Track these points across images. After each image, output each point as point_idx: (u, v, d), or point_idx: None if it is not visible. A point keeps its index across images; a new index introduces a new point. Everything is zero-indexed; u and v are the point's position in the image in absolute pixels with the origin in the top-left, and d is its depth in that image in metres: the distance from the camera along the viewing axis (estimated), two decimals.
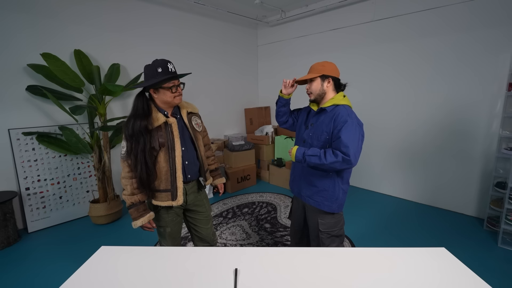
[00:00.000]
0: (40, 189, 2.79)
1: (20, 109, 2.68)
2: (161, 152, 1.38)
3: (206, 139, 1.71)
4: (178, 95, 1.39)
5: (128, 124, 1.33)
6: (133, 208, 1.38)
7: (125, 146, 1.35)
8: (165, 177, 1.40)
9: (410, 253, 1.12)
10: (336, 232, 1.53)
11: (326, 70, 1.46)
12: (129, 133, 1.32)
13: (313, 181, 1.51)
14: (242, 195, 3.68)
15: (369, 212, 3.12)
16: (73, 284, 0.95)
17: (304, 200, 1.58)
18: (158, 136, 1.37)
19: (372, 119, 3.59)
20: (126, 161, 1.36)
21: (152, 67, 1.33)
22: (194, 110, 1.57)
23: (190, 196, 1.53)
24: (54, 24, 2.80)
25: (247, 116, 4.92)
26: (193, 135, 1.50)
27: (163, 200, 1.42)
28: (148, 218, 1.40)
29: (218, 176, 1.77)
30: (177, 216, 1.54)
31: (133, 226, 1.38)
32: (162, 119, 1.38)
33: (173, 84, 1.36)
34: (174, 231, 1.56)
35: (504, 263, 2.16)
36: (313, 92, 1.50)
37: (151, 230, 1.45)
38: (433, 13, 3.00)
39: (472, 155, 2.92)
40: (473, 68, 2.82)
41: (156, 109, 1.39)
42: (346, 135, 1.32)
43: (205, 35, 4.22)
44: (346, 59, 3.78)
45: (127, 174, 1.37)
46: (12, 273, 2.08)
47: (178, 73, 1.39)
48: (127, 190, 1.38)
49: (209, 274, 0.99)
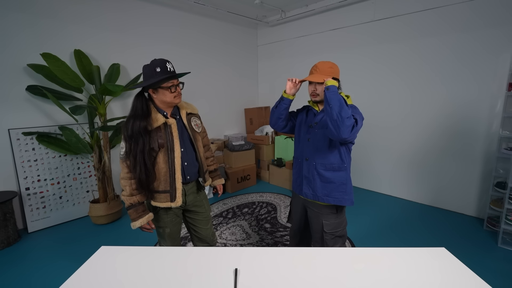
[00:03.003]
0: (40, 189, 2.79)
1: (20, 109, 2.68)
2: (160, 153, 1.37)
3: (206, 140, 1.70)
4: (177, 94, 1.38)
5: (127, 124, 1.32)
6: (132, 209, 1.37)
7: (124, 146, 1.34)
8: (164, 178, 1.39)
9: (410, 253, 1.11)
10: (339, 232, 1.53)
11: (335, 73, 1.46)
12: (128, 134, 1.31)
13: (329, 178, 1.48)
14: (242, 195, 3.68)
15: (369, 212, 3.12)
16: (73, 284, 0.95)
17: (322, 200, 1.50)
18: (158, 137, 1.35)
19: (372, 119, 3.59)
20: (125, 162, 1.36)
21: (150, 67, 1.32)
22: (193, 110, 1.56)
23: (190, 196, 1.52)
24: (54, 24, 2.80)
25: (247, 116, 4.92)
26: (192, 136, 1.48)
27: (162, 201, 1.41)
28: (147, 219, 1.39)
29: (217, 177, 1.75)
30: (177, 217, 1.54)
31: (132, 227, 1.37)
32: (162, 120, 1.36)
33: (172, 83, 1.34)
34: (174, 231, 1.55)
35: (504, 263, 2.16)
36: (321, 94, 1.46)
37: (150, 231, 1.44)
38: (433, 13, 3.00)
39: (472, 155, 2.92)
40: (473, 68, 2.82)
41: (155, 109, 1.38)
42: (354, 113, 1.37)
43: (205, 35, 4.22)
44: (346, 59, 3.77)
45: (126, 175, 1.36)
46: (12, 273, 2.08)
47: (177, 73, 1.38)
48: (126, 191, 1.37)
49: (209, 274, 0.99)
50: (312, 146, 1.51)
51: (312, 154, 1.52)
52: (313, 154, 1.51)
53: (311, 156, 1.52)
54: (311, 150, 1.52)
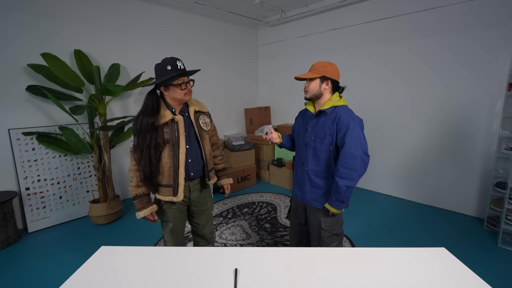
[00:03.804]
0: (40, 189, 2.79)
1: (20, 109, 2.68)
2: (166, 148, 1.43)
3: (215, 138, 1.73)
4: (187, 92, 1.43)
5: (136, 120, 1.39)
6: (137, 200, 1.45)
7: (133, 140, 1.42)
8: (168, 173, 1.44)
9: (410, 253, 1.12)
10: (336, 230, 1.55)
11: (327, 72, 1.46)
12: (137, 129, 1.38)
13: (318, 184, 1.52)
14: (242, 195, 3.68)
15: (369, 212, 3.12)
16: (73, 284, 0.95)
17: (309, 203, 1.57)
18: (164, 132, 1.41)
19: (371, 119, 3.59)
20: (133, 155, 1.43)
21: (161, 65, 1.37)
22: (202, 109, 1.59)
23: (194, 193, 1.56)
24: (54, 24, 2.80)
25: (247, 116, 4.92)
26: (198, 134, 1.51)
27: (165, 195, 1.47)
28: (150, 210, 1.46)
29: (225, 176, 1.78)
30: (180, 212, 1.57)
31: (136, 216, 1.45)
32: (169, 116, 1.42)
33: (182, 81, 1.39)
34: (176, 227, 1.58)
35: (504, 263, 2.16)
36: (310, 91, 1.50)
37: (153, 222, 1.50)
38: (433, 13, 3.00)
39: (472, 155, 2.92)
40: (473, 68, 2.82)
41: (165, 106, 1.44)
42: (351, 140, 1.37)
43: (205, 35, 4.22)
44: (346, 59, 3.78)
45: (133, 167, 1.44)
46: (12, 273, 2.08)
47: (187, 70, 1.43)
48: (133, 182, 1.45)
49: (209, 274, 0.99)
50: (309, 152, 1.54)
51: (307, 160, 1.55)
52: (308, 160, 1.54)
53: (306, 161, 1.56)
54: (307, 156, 1.55)
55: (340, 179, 1.38)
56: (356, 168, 1.36)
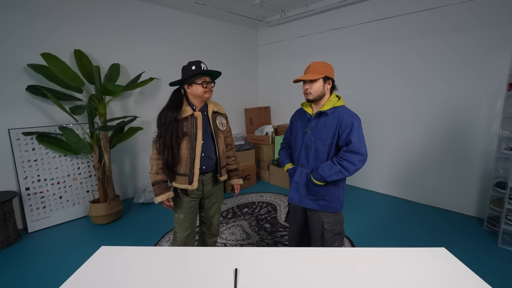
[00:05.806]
0: (40, 189, 2.79)
1: (20, 109, 2.68)
2: (185, 140, 1.57)
3: (230, 139, 1.86)
4: (208, 90, 1.56)
5: (162, 113, 1.56)
6: (156, 186, 1.59)
7: (157, 131, 1.57)
8: (185, 163, 1.58)
9: (410, 253, 1.12)
10: (338, 229, 1.56)
11: (328, 72, 1.46)
12: (162, 122, 1.54)
13: (316, 187, 1.51)
14: (242, 195, 3.68)
15: (369, 212, 3.12)
16: (73, 284, 0.95)
17: (307, 206, 1.57)
18: (184, 126, 1.56)
19: (371, 119, 3.59)
20: (155, 144, 1.58)
21: (187, 66, 1.56)
22: (220, 110, 1.72)
23: (207, 186, 1.69)
24: (54, 23, 2.80)
25: (247, 116, 4.92)
26: (214, 132, 1.64)
27: (181, 183, 1.59)
28: (167, 196, 1.59)
29: (236, 177, 1.88)
30: (192, 205, 1.68)
31: (154, 201, 1.60)
32: (190, 112, 1.57)
33: (204, 80, 1.54)
34: (187, 219, 1.68)
35: (504, 263, 2.16)
36: (313, 93, 1.47)
37: (169, 208, 1.63)
38: (433, 13, 3.00)
39: (472, 155, 2.92)
40: (473, 68, 2.82)
41: (186, 103, 1.59)
42: (356, 138, 1.40)
43: (205, 35, 4.22)
44: (346, 59, 3.78)
45: (154, 156, 1.59)
46: (12, 273, 2.08)
47: (209, 69, 1.58)
48: (152, 169, 1.60)
49: (209, 274, 0.99)
50: (309, 154, 1.52)
51: (308, 161, 1.54)
52: (309, 161, 1.53)
53: (306, 163, 1.55)
54: (307, 158, 1.54)
55: (338, 164, 1.42)
56: (356, 163, 1.40)
